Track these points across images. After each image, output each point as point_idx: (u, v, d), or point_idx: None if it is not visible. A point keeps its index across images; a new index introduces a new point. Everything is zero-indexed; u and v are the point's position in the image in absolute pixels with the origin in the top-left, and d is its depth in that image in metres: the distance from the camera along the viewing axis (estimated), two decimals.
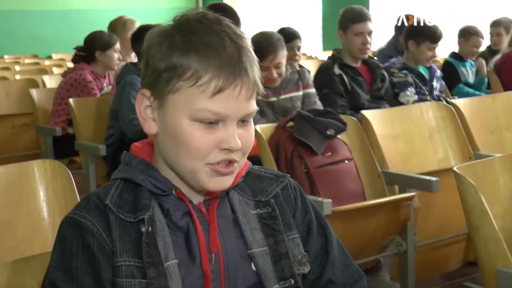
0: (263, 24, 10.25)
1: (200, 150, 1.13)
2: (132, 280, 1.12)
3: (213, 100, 1.12)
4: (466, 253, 3.15)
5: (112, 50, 4.33)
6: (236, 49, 1.13)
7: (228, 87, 1.12)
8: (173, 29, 1.16)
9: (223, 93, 1.12)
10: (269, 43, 3.22)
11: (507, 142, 3.47)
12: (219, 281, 1.17)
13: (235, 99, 1.13)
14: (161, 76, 1.14)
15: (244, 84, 1.13)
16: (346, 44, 3.79)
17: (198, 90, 1.12)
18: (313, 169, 2.70)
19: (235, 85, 1.12)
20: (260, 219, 1.24)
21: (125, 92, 3.60)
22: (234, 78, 1.12)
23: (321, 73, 3.79)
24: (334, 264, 1.30)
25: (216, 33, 1.14)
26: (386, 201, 2.69)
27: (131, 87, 3.59)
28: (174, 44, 1.13)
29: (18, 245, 1.57)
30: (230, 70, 1.12)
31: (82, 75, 4.26)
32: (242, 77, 1.13)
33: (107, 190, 1.19)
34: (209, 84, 1.11)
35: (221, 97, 1.12)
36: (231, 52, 1.13)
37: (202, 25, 1.14)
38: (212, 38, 1.13)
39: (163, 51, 1.14)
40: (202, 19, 1.15)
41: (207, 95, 1.11)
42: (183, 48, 1.13)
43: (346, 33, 3.77)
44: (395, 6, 8.90)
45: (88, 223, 1.14)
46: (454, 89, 4.99)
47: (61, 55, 10.18)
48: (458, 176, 1.90)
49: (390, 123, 3.10)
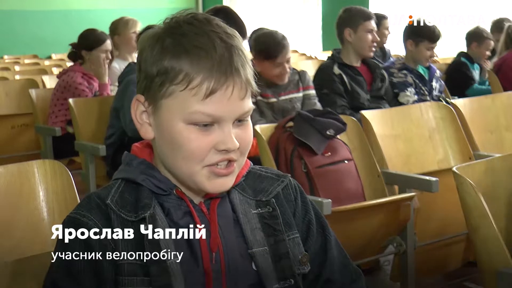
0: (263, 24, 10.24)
1: (196, 153, 1.13)
2: (134, 278, 1.12)
3: (205, 103, 1.11)
4: (466, 253, 3.15)
5: (98, 50, 4.25)
6: (226, 49, 1.13)
7: (220, 88, 1.11)
8: (163, 32, 1.15)
9: (215, 94, 1.11)
10: (277, 41, 3.26)
11: (507, 142, 3.47)
12: (220, 280, 1.18)
13: (227, 99, 1.12)
14: (153, 81, 1.14)
15: (236, 84, 1.13)
16: (356, 42, 3.78)
17: (190, 93, 1.11)
18: (313, 169, 2.70)
19: (227, 86, 1.12)
20: (261, 218, 1.24)
21: (129, 91, 3.59)
22: (226, 78, 1.12)
23: (320, 73, 3.79)
24: (333, 264, 1.30)
25: (207, 34, 1.13)
26: (386, 201, 2.69)
27: (135, 86, 3.57)
28: (165, 47, 1.13)
29: (18, 245, 1.57)
30: (221, 71, 1.11)
31: (73, 78, 4.24)
32: (234, 77, 1.12)
33: (108, 190, 1.19)
34: (201, 87, 1.11)
35: (213, 98, 1.11)
36: (222, 52, 1.12)
37: (192, 26, 1.14)
38: (202, 40, 1.12)
39: (154, 55, 1.14)
40: (192, 21, 1.15)
41: (200, 97, 1.11)
42: (174, 52, 1.12)
43: (357, 30, 3.77)
44: (395, 6, 8.90)
45: (90, 222, 1.14)
46: (469, 90, 4.96)
47: (61, 55, 10.16)
48: (457, 177, 1.90)
49: (390, 123, 3.10)
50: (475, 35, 5.22)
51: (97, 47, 4.27)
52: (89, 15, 11.08)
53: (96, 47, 4.26)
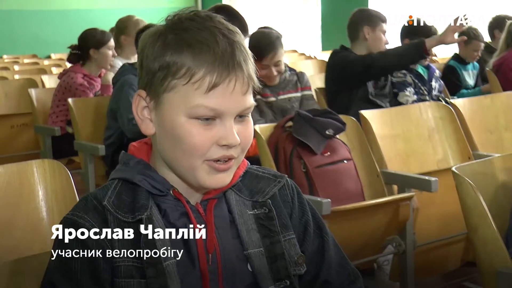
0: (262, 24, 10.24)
1: (198, 147, 1.13)
2: (131, 280, 1.12)
3: (208, 96, 1.12)
4: (465, 253, 3.15)
5: (106, 47, 4.30)
6: (229, 44, 1.13)
7: (222, 82, 1.12)
8: (165, 29, 1.16)
9: (217, 88, 1.12)
10: (268, 42, 3.24)
11: (506, 142, 3.47)
12: (217, 281, 1.17)
13: (230, 93, 1.13)
14: (155, 75, 1.14)
15: (238, 79, 1.13)
16: (372, 40, 3.83)
17: (193, 87, 1.12)
18: (312, 169, 2.70)
19: (229, 80, 1.12)
20: (257, 219, 1.23)
21: (124, 92, 3.59)
22: (228, 73, 1.12)
23: (337, 59, 3.81)
24: (330, 265, 1.30)
25: (209, 29, 1.14)
26: (385, 201, 2.69)
27: (129, 87, 3.58)
28: (167, 43, 1.14)
29: (17, 245, 1.57)
30: (224, 65, 1.12)
31: (74, 79, 4.25)
32: (236, 71, 1.13)
33: (104, 191, 1.19)
34: (203, 80, 1.11)
35: (216, 92, 1.12)
36: (224, 47, 1.13)
37: (194, 22, 1.15)
38: (205, 35, 1.13)
39: (156, 51, 1.14)
40: (194, 17, 1.16)
41: (202, 91, 1.11)
42: (176, 46, 1.13)
43: (375, 30, 3.83)
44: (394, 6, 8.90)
45: (87, 224, 1.14)
46: (457, 95, 4.94)
47: (60, 55, 10.16)
48: (457, 176, 1.90)
49: (389, 123, 3.10)
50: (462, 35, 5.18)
51: (105, 45, 4.30)
52: (88, 15, 11.09)
53: (104, 45, 4.30)
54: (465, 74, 5.14)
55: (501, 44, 5.04)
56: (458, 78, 5.09)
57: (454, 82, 5.02)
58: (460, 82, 5.09)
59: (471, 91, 4.97)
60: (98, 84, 4.36)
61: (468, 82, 5.14)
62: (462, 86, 5.07)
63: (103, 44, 4.29)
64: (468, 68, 5.18)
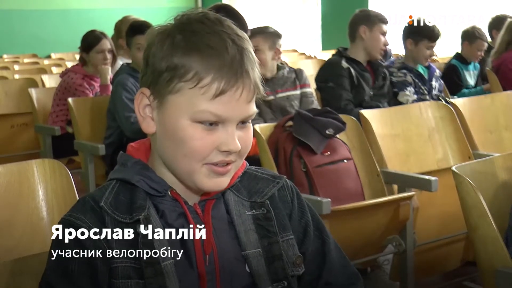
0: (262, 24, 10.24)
1: (199, 151, 1.13)
2: (129, 281, 1.12)
3: (214, 102, 1.11)
4: (465, 253, 3.15)
5: (95, 51, 4.28)
6: (238, 51, 1.13)
7: (230, 90, 1.11)
8: (174, 28, 1.15)
9: (224, 95, 1.11)
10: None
11: (506, 142, 3.47)
12: (214, 281, 1.17)
13: (236, 101, 1.12)
14: (161, 76, 1.13)
15: (245, 87, 1.13)
16: (369, 40, 3.82)
17: (200, 91, 1.11)
18: (312, 168, 2.70)
19: (237, 88, 1.12)
20: (255, 220, 1.23)
21: (117, 92, 3.66)
22: (236, 80, 1.12)
23: (328, 67, 3.81)
24: (332, 267, 1.30)
25: (218, 34, 1.13)
26: (385, 200, 2.69)
27: (122, 87, 3.64)
28: (176, 43, 1.13)
29: (17, 244, 1.56)
30: (232, 72, 1.11)
31: (73, 79, 4.28)
32: (244, 79, 1.13)
33: (102, 192, 1.19)
34: (211, 86, 1.11)
35: (222, 99, 1.11)
36: (233, 54, 1.12)
37: (204, 25, 1.14)
38: (214, 39, 1.12)
39: (164, 50, 1.13)
40: (204, 19, 1.15)
41: (208, 97, 1.11)
42: (185, 49, 1.12)
43: (372, 30, 3.82)
44: (394, 6, 8.89)
45: (84, 225, 1.14)
46: (459, 94, 4.93)
47: (60, 54, 10.17)
48: (457, 176, 1.90)
49: (389, 122, 3.10)
50: (467, 35, 5.17)
51: (93, 48, 4.30)
52: (88, 15, 11.09)
53: (92, 48, 4.30)
54: (466, 74, 5.14)
55: (499, 42, 5.00)
56: (459, 78, 5.08)
57: (456, 82, 5.01)
58: (461, 81, 5.08)
59: (472, 91, 4.96)
60: (98, 85, 4.38)
61: (469, 81, 5.14)
62: (463, 86, 5.07)
63: (91, 47, 4.30)
64: (470, 67, 5.17)
